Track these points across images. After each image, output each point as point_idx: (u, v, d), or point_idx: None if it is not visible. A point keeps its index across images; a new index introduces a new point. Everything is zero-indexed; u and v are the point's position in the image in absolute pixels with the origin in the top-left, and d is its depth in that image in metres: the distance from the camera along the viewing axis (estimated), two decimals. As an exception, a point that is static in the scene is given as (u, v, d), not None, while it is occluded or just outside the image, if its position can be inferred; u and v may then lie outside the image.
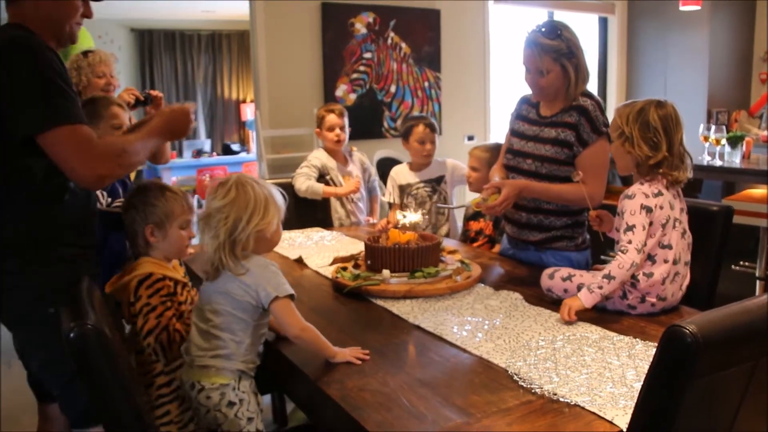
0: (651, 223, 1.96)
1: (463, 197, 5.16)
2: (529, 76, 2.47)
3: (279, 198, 1.75)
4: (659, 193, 1.99)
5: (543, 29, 2.40)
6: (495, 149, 3.12)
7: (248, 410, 1.71)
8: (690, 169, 2.05)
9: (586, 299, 1.95)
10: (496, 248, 3.02)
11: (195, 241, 2.05)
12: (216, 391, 1.69)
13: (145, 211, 1.94)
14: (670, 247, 1.98)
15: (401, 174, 3.64)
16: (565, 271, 2.12)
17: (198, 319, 1.75)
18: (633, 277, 1.96)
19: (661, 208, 1.97)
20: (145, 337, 1.85)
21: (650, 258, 1.98)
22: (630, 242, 1.94)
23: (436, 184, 3.56)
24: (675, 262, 1.99)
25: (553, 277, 2.13)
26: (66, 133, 1.72)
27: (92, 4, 1.96)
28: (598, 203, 2.40)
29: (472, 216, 3.26)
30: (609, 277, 1.94)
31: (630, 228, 1.95)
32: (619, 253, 1.95)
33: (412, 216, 2.51)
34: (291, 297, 1.68)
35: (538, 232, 2.57)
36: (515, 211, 2.57)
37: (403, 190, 3.58)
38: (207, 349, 1.71)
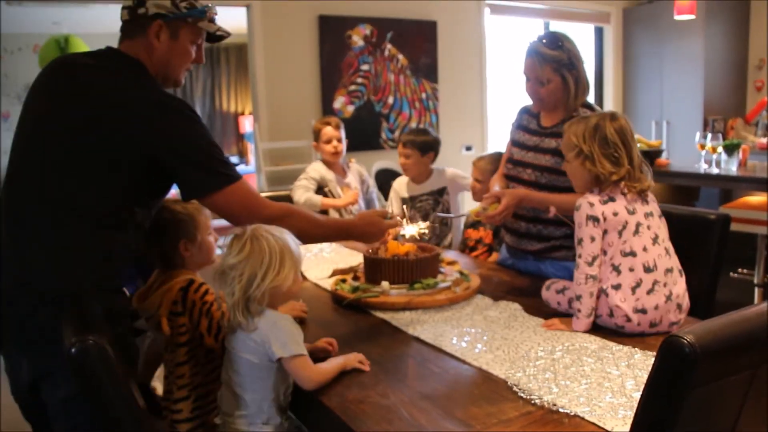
0: (605, 232, 1.93)
1: (464, 206, 5.17)
2: (530, 86, 2.48)
3: (295, 249, 1.71)
4: (610, 199, 1.96)
5: (544, 39, 2.42)
6: (498, 160, 3.14)
7: None
8: (649, 176, 2.04)
9: (576, 326, 1.96)
10: (494, 257, 3.03)
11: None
12: None
13: (176, 227, 1.95)
14: (633, 254, 1.91)
15: (403, 186, 3.65)
16: (560, 284, 2.12)
17: (224, 375, 1.75)
18: (603, 292, 1.93)
19: (615, 214, 1.93)
20: (218, 333, 1.86)
21: (615, 268, 1.93)
22: (580, 256, 1.95)
23: (438, 195, 3.58)
24: (648, 270, 1.90)
25: (549, 289, 2.13)
26: (235, 190, 1.81)
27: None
28: None
29: (472, 225, 3.27)
30: (577, 297, 1.95)
31: (579, 242, 1.96)
32: (575, 270, 1.96)
33: (411, 229, 2.51)
34: (299, 355, 1.65)
35: (537, 242, 2.58)
36: (514, 220, 2.58)
37: (406, 202, 3.59)
38: (234, 407, 1.70)
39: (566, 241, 2.56)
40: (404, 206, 3.50)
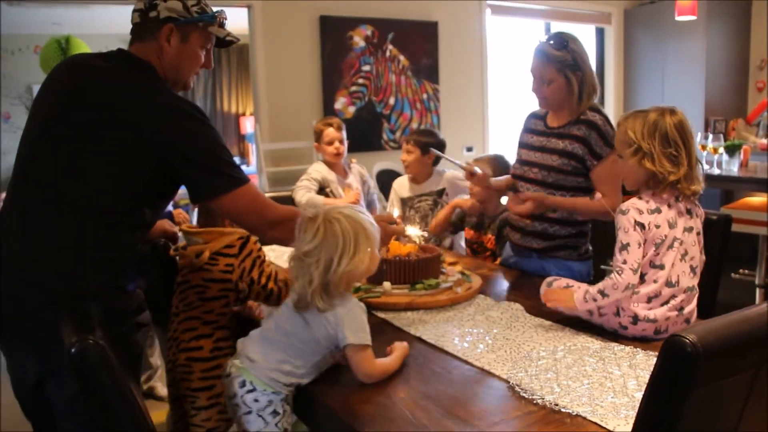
0: (645, 241, 1.88)
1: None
2: (535, 85, 2.52)
3: (369, 228, 1.69)
4: (656, 210, 1.89)
5: (551, 40, 2.46)
6: (493, 161, 3.15)
7: (287, 422, 1.70)
8: (702, 178, 1.96)
9: (580, 303, 1.93)
10: (497, 262, 3.02)
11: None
12: (265, 396, 1.68)
13: None
14: (662, 267, 1.87)
15: (403, 186, 3.65)
16: (563, 281, 2.11)
17: (269, 328, 1.74)
18: None
19: (657, 226, 1.87)
20: (266, 284, 2.06)
21: (641, 276, 1.88)
22: (625, 262, 1.86)
23: (437, 196, 3.58)
24: (669, 285, 1.87)
25: (551, 285, 2.12)
26: (242, 193, 1.82)
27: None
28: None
29: (474, 226, 3.23)
30: (603, 293, 1.88)
31: (624, 247, 1.88)
32: (615, 273, 1.88)
33: (413, 230, 2.52)
34: (366, 346, 1.66)
35: (541, 240, 2.61)
36: (520, 218, 2.60)
37: (405, 203, 3.59)
38: (267, 359, 1.69)
39: (571, 241, 2.58)
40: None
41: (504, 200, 2.82)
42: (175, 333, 2.05)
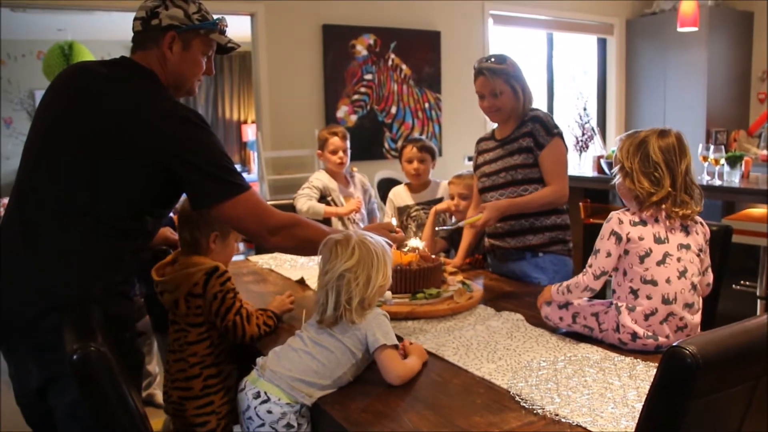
0: (626, 252, 1.87)
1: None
2: (485, 102, 2.74)
3: (386, 246, 1.80)
4: (641, 223, 1.88)
5: (491, 58, 2.72)
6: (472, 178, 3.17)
7: None
8: (699, 202, 1.93)
9: (554, 294, 2.03)
10: None
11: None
12: (278, 407, 1.67)
13: (214, 219, 2.01)
14: (654, 283, 1.83)
15: (400, 196, 3.65)
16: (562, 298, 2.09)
17: (297, 343, 1.75)
18: (615, 308, 1.88)
19: (641, 239, 1.85)
20: (224, 316, 1.96)
21: (633, 292, 1.86)
22: (590, 266, 1.91)
23: (435, 205, 3.57)
24: (666, 302, 1.83)
25: (550, 305, 2.10)
26: (243, 200, 1.83)
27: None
28: (566, 198, 2.71)
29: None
30: (569, 289, 1.98)
31: (595, 252, 1.91)
32: (582, 273, 1.95)
33: (414, 241, 2.52)
34: (395, 346, 1.72)
35: (533, 235, 2.72)
36: (506, 222, 2.73)
37: (402, 212, 3.59)
38: (293, 369, 1.69)
39: (560, 233, 2.74)
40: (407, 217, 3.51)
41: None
42: (168, 365, 2.04)
